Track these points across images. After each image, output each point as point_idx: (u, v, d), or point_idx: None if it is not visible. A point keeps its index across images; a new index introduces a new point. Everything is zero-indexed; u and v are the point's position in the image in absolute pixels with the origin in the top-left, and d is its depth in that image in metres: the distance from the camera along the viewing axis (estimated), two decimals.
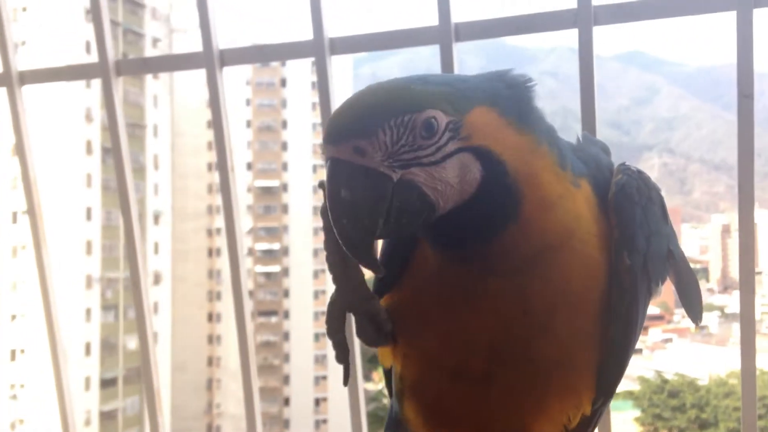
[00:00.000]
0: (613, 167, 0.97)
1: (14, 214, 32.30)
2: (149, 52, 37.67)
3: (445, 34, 1.50)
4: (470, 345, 0.92)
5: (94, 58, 1.74)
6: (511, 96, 0.90)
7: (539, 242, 0.88)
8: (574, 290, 0.90)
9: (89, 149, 34.40)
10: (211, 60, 1.60)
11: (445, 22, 1.51)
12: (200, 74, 1.72)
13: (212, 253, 41.34)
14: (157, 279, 36.24)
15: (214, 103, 1.57)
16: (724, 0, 1.39)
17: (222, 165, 1.58)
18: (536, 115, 0.92)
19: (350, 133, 0.84)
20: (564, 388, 0.93)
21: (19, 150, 1.84)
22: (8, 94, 1.82)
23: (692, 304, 0.99)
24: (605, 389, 0.96)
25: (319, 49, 1.56)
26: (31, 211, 1.89)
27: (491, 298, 0.90)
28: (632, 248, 0.90)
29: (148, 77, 33.59)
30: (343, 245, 0.85)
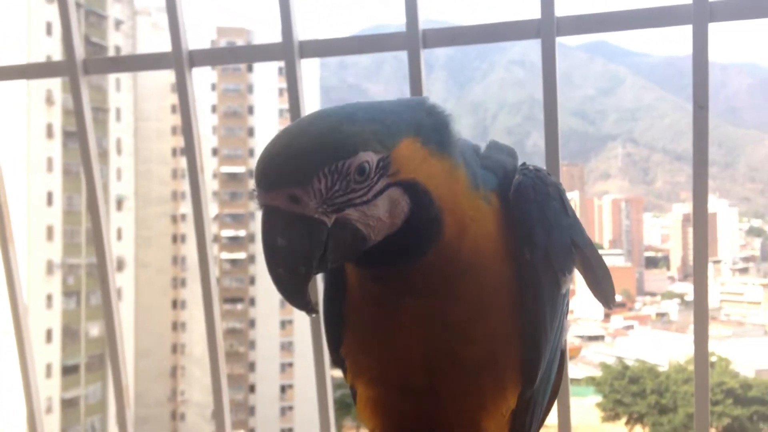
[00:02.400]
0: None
1: None
2: (112, 35, 37.00)
3: (413, 41, 1.53)
4: (406, 361, 0.97)
5: (55, 42, 1.72)
6: (431, 124, 0.93)
7: (454, 264, 0.92)
8: (487, 300, 0.95)
9: (50, 133, 33.70)
10: (180, 61, 1.60)
11: (413, 29, 1.53)
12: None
13: (177, 239, 40.91)
14: (120, 265, 35.75)
15: (184, 104, 1.57)
16: (680, 14, 1.43)
17: (192, 168, 1.58)
18: (454, 140, 0.95)
19: (284, 181, 0.85)
20: (495, 385, 0.98)
21: None
22: None
23: (601, 289, 1.03)
24: (529, 380, 1.00)
25: (288, 53, 1.57)
26: None
27: (412, 317, 0.95)
28: (531, 244, 0.95)
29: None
30: (279, 292, 0.87)
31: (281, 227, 0.85)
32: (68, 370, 32.68)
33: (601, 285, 1.02)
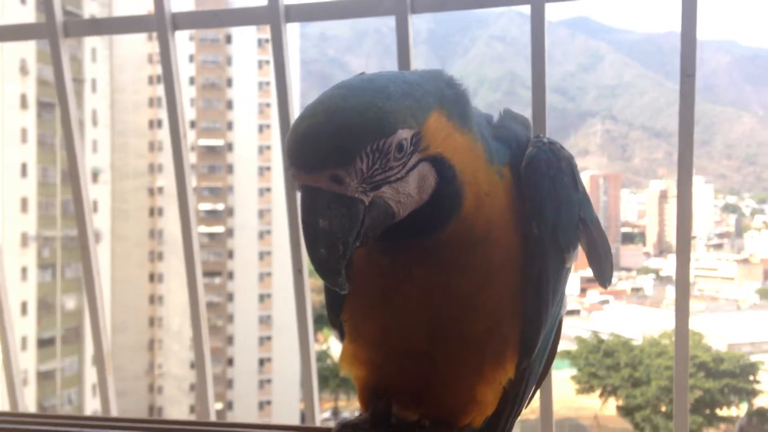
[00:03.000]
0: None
1: None
2: (87, 3, 36.25)
3: (401, 6, 1.50)
4: (408, 329, 0.97)
5: (30, 9, 1.68)
6: (452, 96, 0.92)
7: (467, 238, 0.92)
8: (493, 273, 0.95)
9: (24, 103, 33.09)
10: (163, 23, 1.56)
11: None
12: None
13: (154, 212, 40.59)
14: (96, 238, 35.32)
15: (166, 69, 1.54)
16: None
17: (175, 136, 1.55)
18: (472, 113, 0.95)
19: (327, 161, 0.83)
20: (495, 356, 1.00)
21: None
22: None
23: (602, 268, 1.04)
24: (526, 352, 1.02)
25: (274, 17, 1.54)
26: None
27: (418, 288, 0.95)
28: (540, 219, 0.95)
29: None
30: (318, 272, 0.86)
31: (323, 208, 0.84)
32: (44, 343, 32.49)
33: (602, 264, 1.03)
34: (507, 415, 1.07)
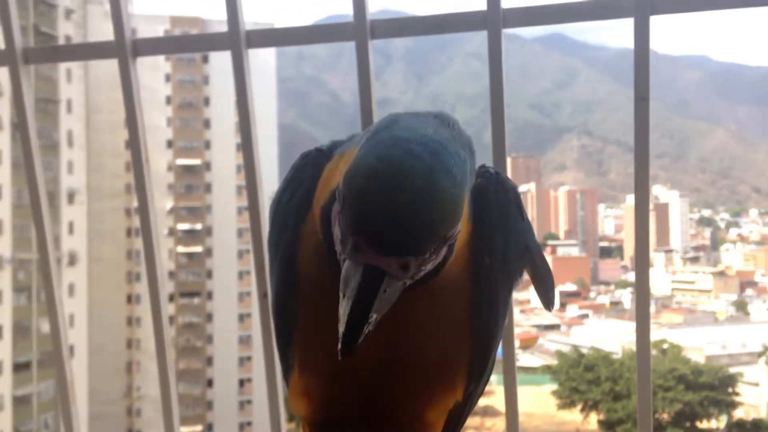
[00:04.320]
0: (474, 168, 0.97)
1: None
2: (62, 24, 36.11)
3: (361, 31, 1.52)
4: (359, 358, 0.91)
5: None
6: (471, 165, 0.89)
7: (438, 281, 0.90)
8: (447, 304, 0.95)
9: None
10: (123, 50, 1.56)
11: (361, 20, 1.53)
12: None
13: (131, 233, 40.22)
14: (72, 259, 35.01)
15: (128, 95, 1.54)
16: (622, 7, 1.46)
17: (137, 163, 1.55)
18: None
19: (405, 251, 0.79)
20: (446, 382, 1.00)
21: None
22: None
23: (546, 292, 1.04)
24: (476, 376, 1.03)
25: (235, 42, 1.55)
26: None
27: None
28: (491, 249, 0.96)
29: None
30: (343, 338, 0.80)
31: (380, 292, 0.79)
32: (19, 368, 31.98)
33: (547, 289, 1.04)
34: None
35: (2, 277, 31.75)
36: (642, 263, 1.50)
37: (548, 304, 1.04)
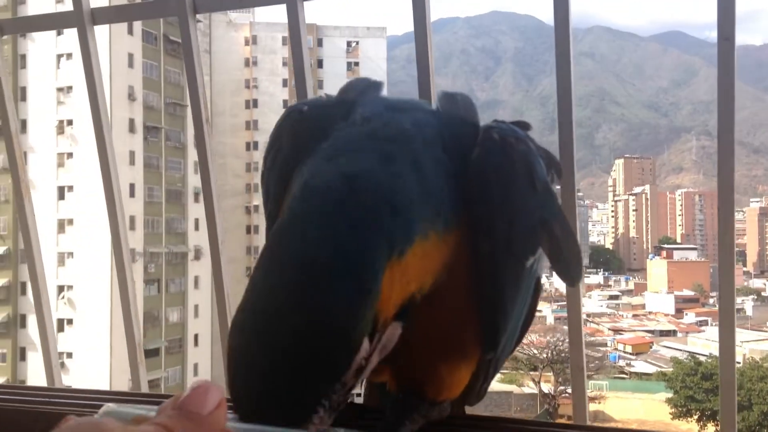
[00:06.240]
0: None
1: None
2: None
3: None
4: None
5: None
6: (452, 186, 0.81)
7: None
8: (447, 301, 0.85)
9: (132, 128, 35.21)
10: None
11: None
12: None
13: (250, 230, 42.18)
14: (197, 254, 37.17)
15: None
16: None
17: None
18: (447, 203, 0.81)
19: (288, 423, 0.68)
20: (452, 355, 0.92)
21: None
22: None
23: (567, 268, 0.93)
24: (490, 348, 0.92)
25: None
26: None
27: None
28: (490, 234, 0.83)
29: None
30: None
31: None
32: (149, 354, 34.08)
33: (568, 263, 0.92)
34: (480, 384, 1.00)
35: (135, 270, 34.09)
36: (726, 256, 1.37)
37: (571, 279, 0.94)
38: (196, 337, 37.07)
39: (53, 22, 1.97)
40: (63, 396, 1.31)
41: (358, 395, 1.08)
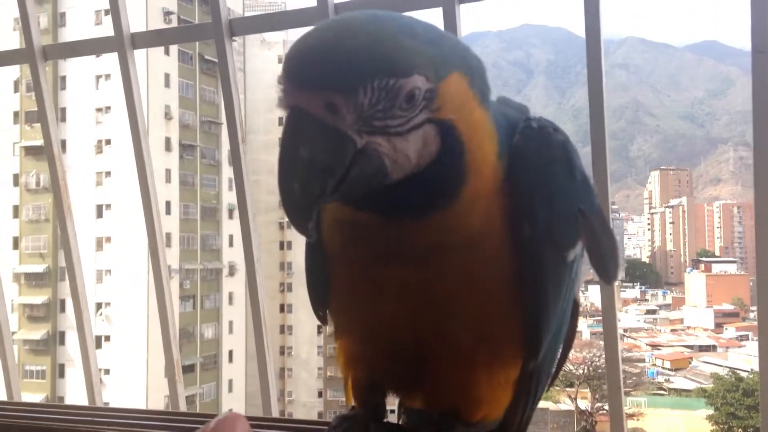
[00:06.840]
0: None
1: None
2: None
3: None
4: (391, 327, 0.90)
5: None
6: (477, 67, 0.83)
7: (455, 234, 0.83)
8: (476, 277, 0.86)
9: (168, 146, 35.78)
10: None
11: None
12: None
13: (284, 245, 42.43)
14: (231, 270, 37.50)
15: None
16: None
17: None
18: (489, 96, 0.85)
19: (326, 83, 0.72)
20: (489, 359, 0.91)
21: None
22: None
23: (605, 265, 0.93)
24: (532, 354, 0.92)
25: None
26: None
27: (393, 289, 0.86)
28: (532, 217, 0.84)
29: None
30: (285, 209, 0.74)
31: (309, 136, 0.73)
32: (184, 370, 34.26)
33: (606, 260, 0.93)
34: (521, 411, 1.01)
35: (171, 286, 34.48)
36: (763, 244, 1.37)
37: (607, 275, 0.94)
38: (230, 353, 37.27)
39: (95, 47, 2.04)
40: (104, 415, 1.37)
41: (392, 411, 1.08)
